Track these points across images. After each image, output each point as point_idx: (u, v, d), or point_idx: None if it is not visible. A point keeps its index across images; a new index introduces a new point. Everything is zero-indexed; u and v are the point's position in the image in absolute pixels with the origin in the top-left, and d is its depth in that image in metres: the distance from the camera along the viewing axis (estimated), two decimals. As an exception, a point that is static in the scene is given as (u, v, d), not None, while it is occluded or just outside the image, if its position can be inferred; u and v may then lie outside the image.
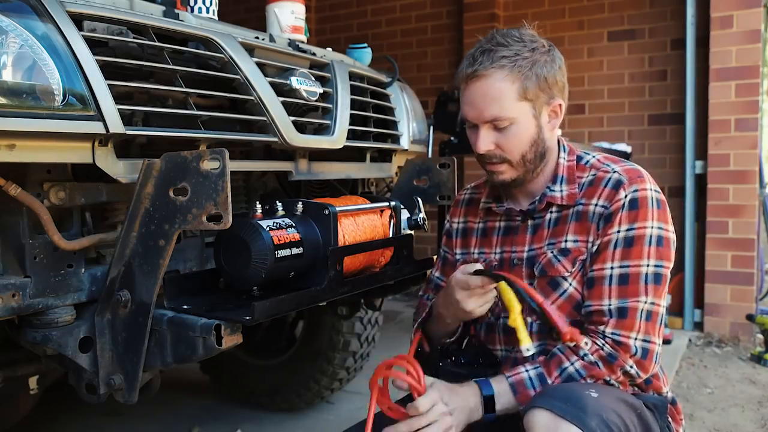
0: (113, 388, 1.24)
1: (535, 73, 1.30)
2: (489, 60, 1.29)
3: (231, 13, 4.66)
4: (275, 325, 2.74)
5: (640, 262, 1.28)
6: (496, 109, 1.30)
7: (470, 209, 1.57)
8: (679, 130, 4.36)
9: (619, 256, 1.29)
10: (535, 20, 1.49)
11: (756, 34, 3.86)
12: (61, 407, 2.74)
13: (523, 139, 1.33)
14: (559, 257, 1.35)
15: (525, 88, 1.30)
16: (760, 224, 4.08)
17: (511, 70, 1.29)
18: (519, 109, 1.31)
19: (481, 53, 1.31)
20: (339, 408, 2.86)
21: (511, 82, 1.29)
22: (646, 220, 1.29)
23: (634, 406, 1.24)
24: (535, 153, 1.35)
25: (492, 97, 1.30)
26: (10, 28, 1.09)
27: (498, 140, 1.33)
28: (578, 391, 1.18)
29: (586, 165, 1.41)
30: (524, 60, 1.29)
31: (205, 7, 1.82)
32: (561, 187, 1.39)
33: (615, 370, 1.27)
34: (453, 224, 1.61)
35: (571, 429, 1.08)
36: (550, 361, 1.30)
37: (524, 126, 1.32)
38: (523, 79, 1.29)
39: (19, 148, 1.08)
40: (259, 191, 1.86)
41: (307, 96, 1.67)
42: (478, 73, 1.30)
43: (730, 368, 3.44)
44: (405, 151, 2.16)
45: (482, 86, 1.30)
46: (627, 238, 1.29)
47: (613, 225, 1.30)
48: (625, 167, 1.36)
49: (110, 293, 1.22)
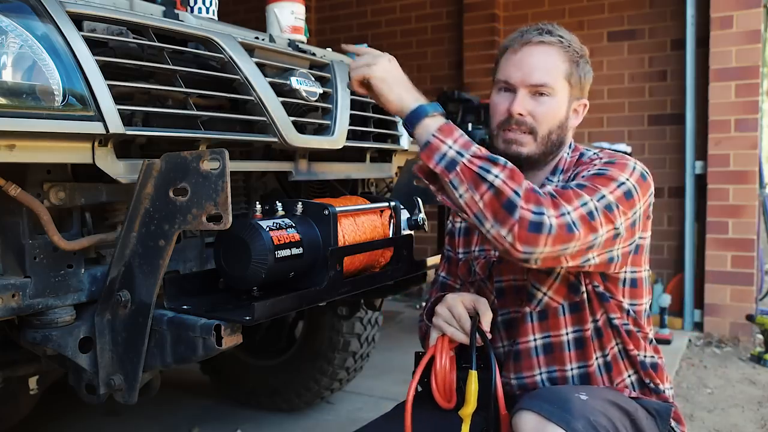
0: (113, 389, 1.24)
1: (580, 66, 1.40)
2: (552, 35, 1.37)
3: (231, 14, 4.66)
4: (275, 325, 2.74)
5: (606, 187, 1.23)
6: (545, 76, 1.35)
7: None
8: (679, 131, 4.36)
9: (588, 178, 1.26)
10: (536, 20, 1.51)
11: (756, 35, 3.86)
12: (61, 407, 2.74)
13: (556, 114, 1.38)
14: None
15: (571, 73, 1.38)
16: (760, 224, 4.08)
17: (566, 50, 1.37)
18: (562, 86, 1.37)
19: (542, 28, 1.38)
20: (339, 408, 2.86)
21: (563, 61, 1.37)
22: (621, 171, 1.28)
23: (627, 410, 1.23)
24: (558, 136, 1.39)
25: (546, 63, 1.36)
26: (10, 29, 1.09)
27: (533, 108, 1.36)
28: (566, 394, 1.18)
29: (584, 159, 1.43)
30: (576, 52, 1.39)
31: (205, 7, 1.82)
32: (558, 177, 1.42)
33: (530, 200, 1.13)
34: (455, 224, 1.61)
35: (557, 431, 1.08)
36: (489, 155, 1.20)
37: (560, 103, 1.38)
38: (572, 63, 1.38)
39: (19, 148, 1.08)
40: (259, 191, 1.86)
41: (307, 96, 1.67)
42: (543, 39, 1.36)
43: (730, 368, 3.44)
44: (405, 151, 2.17)
45: (540, 52, 1.36)
46: (599, 171, 1.29)
47: (586, 167, 1.34)
48: (616, 154, 1.39)
49: (110, 293, 1.22)
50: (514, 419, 1.17)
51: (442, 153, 1.18)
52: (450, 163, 1.17)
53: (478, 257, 1.50)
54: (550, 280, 1.35)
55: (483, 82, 4.97)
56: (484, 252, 1.50)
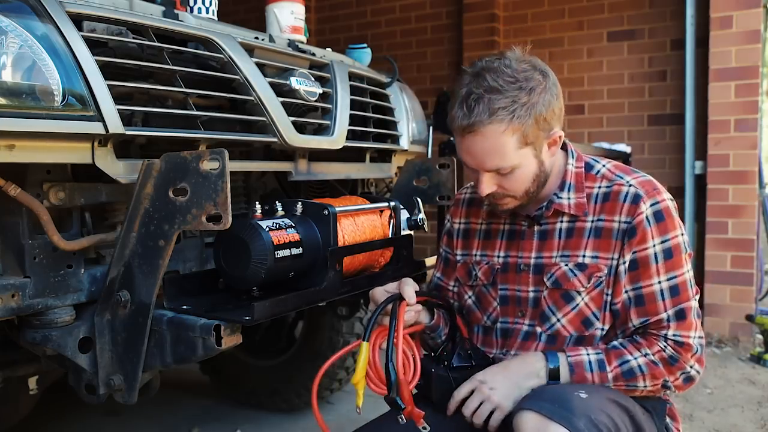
0: (113, 389, 1.24)
1: (534, 117, 1.24)
2: (486, 112, 1.22)
3: (231, 14, 4.66)
4: (275, 325, 2.74)
5: (683, 270, 1.31)
6: (497, 161, 1.27)
7: (472, 209, 1.55)
8: (679, 131, 4.36)
9: (663, 269, 1.30)
10: (535, 20, 1.49)
11: (755, 35, 3.86)
12: (61, 407, 2.74)
13: (526, 178, 1.31)
14: (576, 271, 1.33)
15: (525, 135, 1.25)
16: (759, 224, 4.08)
17: (510, 122, 1.22)
18: (520, 155, 1.27)
19: (476, 101, 1.23)
20: (338, 408, 2.86)
21: (511, 134, 1.24)
22: (675, 229, 1.31)
23: (626, 407, 1.24)
24: (539, 183, 1.34)
25: (493, 150, 1.25)
26: (9, 29, 1.09)
27: (501, 182, 1.31)
28: (567, 393, 1.18)
29: (597, 175, 1.38)
30: (522, 107, 1.23)
31: (204, 7, 1.82)
32: (569, 194, 1.36)
33: (674, 372, 1.28)
34: (454, 224, 1.59)
35: (559, 430, 1.08)
36: (611, 350, 1.30)
37: (526, 167, 1.30)
38: (523, 127, 1.24)
39: (18, 148, 1.08)
40: (259, 191, 1.86)
41: (307, 96, 1.67)
42: (476, 128, 1.24)
43: (730, 368, 3.44)
44: (404, 152, 2.17)
45: (481, 140, 1.25)
46: (665, 250, 1.30)
47: (645, 240, 1.30)
48: (639, 179, 1.35)
49: (110, 293, 1.22)
50: (515, 419, 1.16)
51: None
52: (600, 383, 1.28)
53: (480, 262, 1.48)
54: (567, 308, 1.34)
55: (483, 82, 4.97)
56: (486, 257, 1.47)
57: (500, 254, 1.45)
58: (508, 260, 1.43)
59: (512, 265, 1.42)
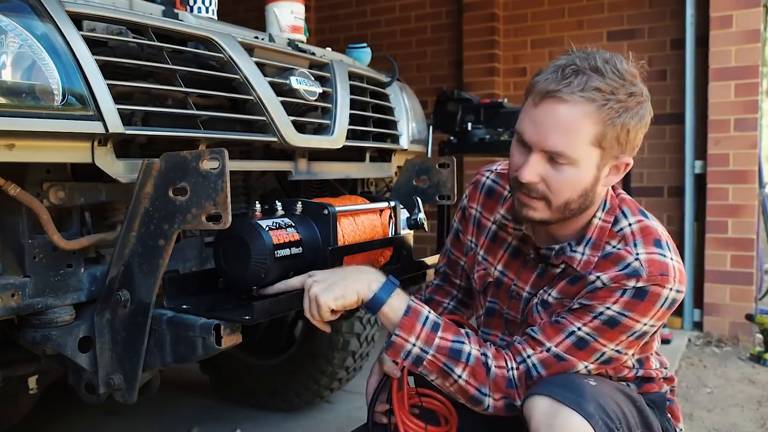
0: (113, 388, 1.25)
1: (622, 122, 1.13)
2: (580, 85, 1.11)
3: (231, 13, 4.65)
4: (275, 325, 2.74)
5: (607, 345, 1.19)
6: (562, 143, 1.13)
7: (488, 202, 1.46)
8: (679, 130, 4.36)
9: (593, 326, 1.18)
10: (535, 20, 1.48)
11: (755, 34, 3.86)
12: (61, 407, 2.74)
13: (576, 185, 1.16)
14: (540, 308, 1.29)
15: (603, 135, 1.12)
16: (759, 224, 4.08)
17: (599, 109, 1.11)
18: (587, 152, 1.14)
19: (574, 72, 1.12)
20: (338, 408, 2.86)
21: (593, 123, 1.11)
22: (644, 316, 1.16)
23: (633, 398, 1.24)
24: (580, 204, 1.19)
25: (565, 128, 1.12)
26: (9, 28, 1.09)
27: (547, 175, 1.17)
28: (577, 380, 1.18)
29: (618, 233, 1.24)
30: (617, 103, 1.12)
31: (204, 6, 1.82)
32: (584, 249, 1.24)
33: (499, 390, 1.23)
34: (470, 208, 1.49)
35: (570, 414, 1.09)
36: (457, 328, 1.25)
37: (583, 172, 1.15)
38: (607, 124, 1.12)
39: (18, 147, 1.08)
40: (259, 191, 1.86)
41: (307, 96, 1.67)
42: (562, 95, 1.11)
43: (730, 368, 3.44)
44: (404, 151, 2.16)
45: (559, 111, 1.12)
46: (612, 318, 1.16)
47: (605, 299, 1.17)
48: (651, 257, 1.18)
49: (110, 293, 1.22)
50: (525, 404, 1.17)
51: (407, 351, 1.23)
52: (416, 359, 1.23)
53: (480, 263, 1.45)
54: (559, 337, 1.22)
55: (482, 82, 4.97)
56: (486, 263, 1.44)
57: (498, 267, 1.41)
58: (504, 279, 1.39)
59: (506, 286, 1.39)
